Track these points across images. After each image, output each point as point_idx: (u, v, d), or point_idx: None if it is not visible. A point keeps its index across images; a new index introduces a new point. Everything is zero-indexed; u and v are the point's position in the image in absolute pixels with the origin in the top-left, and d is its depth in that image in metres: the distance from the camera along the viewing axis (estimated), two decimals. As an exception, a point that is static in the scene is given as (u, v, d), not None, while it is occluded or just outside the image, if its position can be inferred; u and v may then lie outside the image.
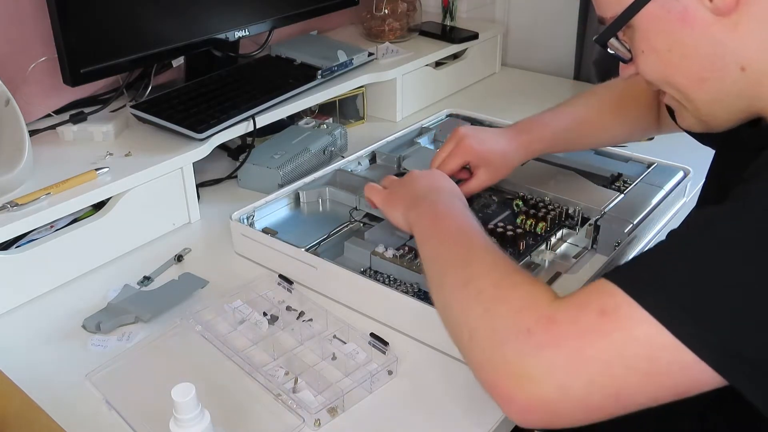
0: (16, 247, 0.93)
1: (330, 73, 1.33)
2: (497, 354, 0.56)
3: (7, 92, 0.96)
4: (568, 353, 0.53)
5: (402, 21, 1.58)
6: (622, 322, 0.52)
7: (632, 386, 0.53)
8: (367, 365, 0.79)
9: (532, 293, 0.59)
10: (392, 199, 0.88)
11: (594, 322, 0.53)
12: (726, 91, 0.62)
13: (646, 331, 0.51)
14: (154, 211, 1.06)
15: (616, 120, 1.00)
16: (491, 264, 0.65)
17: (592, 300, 0.55)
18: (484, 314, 0.60)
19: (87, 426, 0.73)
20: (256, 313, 0.87)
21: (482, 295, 0.62)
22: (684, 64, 0.62)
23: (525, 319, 0.56)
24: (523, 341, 0.55)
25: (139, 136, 1.12)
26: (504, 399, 0.56)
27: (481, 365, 0.58)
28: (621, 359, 0.52)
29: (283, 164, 1.16)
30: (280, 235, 0.97)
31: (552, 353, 0.54)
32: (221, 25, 1.25)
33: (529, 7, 1.76)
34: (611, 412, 0.55)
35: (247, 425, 0.73)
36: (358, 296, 0.89)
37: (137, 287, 0.94)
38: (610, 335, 0.53)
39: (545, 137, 0.99)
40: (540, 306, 0.57)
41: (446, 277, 0.67)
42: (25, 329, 0.88)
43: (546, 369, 0.54)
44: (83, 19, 1.03)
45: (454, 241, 0.71)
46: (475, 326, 0.60)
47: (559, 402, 0.54)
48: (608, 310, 0.53)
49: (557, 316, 0.55)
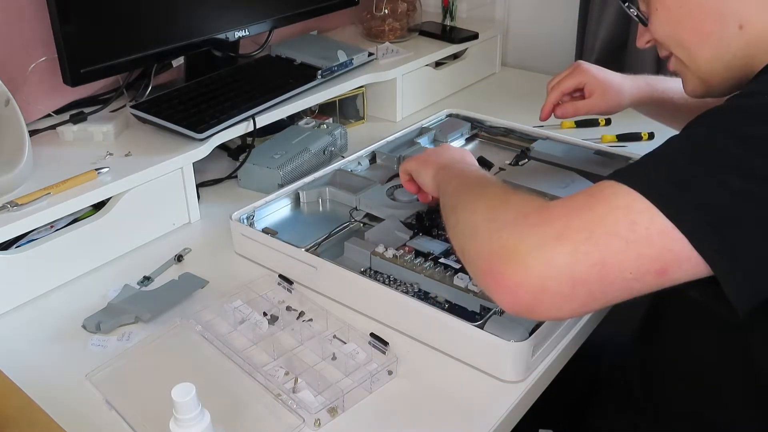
0: (16, 247, 0.93)
1: (330, 73, 1.33)
2: (493, 238, 0.61)
3: (7, 92, 0.96)
4: (557, 228, 0.58)
5: (402, 21, 1.58)
6: (607, 197, 0.58)
7: (615, 255, 0.56)
8: (367, 365, 0.79)
9: (534, 197, 0.65)
10: (425, 162, 0.93)
11: (583, 201, 0.59)
12: (724, 49, 0.69)
13: (626, 200, 0.57)
14: (154, 211, 1.06)
15: None
16: (501, 186, 0.72)
17: (585, 190, 0.61)
18: (488, 212, 0.65)
19: (87, 426, 0.73)
20: (256, 313, 0.87)
21: (488, 203, 0.67)
22: (690, 20, 0.70)
23: (524, 209, 0.62)
24: (520, 224, 0.60)
25: (139, 136, 1.12)
26: (496, 280, 0.59)
27: (478, 254, 0.63)
28: (603, 227, 0.57)
29: (283, 164, 1.16)
30: (280, 235, 0.97)
31: (543, 229, 0.59)
32: (221, 25, 1.25)
33: (529, 7, 1.77)
34: (596, 290, 0.58)
35: (247, 425, 0.73)
36: (358, 296, 0.89)
37: (137, 287, 0.94)
38: (595, 209, 0.58)
39: (658, 87, 1.04)
40: (539, 201, 0.64)
41: (460, 201, 0.73)
42: (25, 329, 0.88)
43: (535, 244, 0.58)
44: (83, 20, 1.03)
45: (475, 181, 0.78)
46: (478, 225, 0.65)
47: (546, 274, 0.57)
48: (595, 192, 0.60)
49: (553, 203, 0.62)
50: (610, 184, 0.59)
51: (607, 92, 1.01)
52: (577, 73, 1.03)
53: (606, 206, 0.57)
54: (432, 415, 0.75)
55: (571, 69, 1.04)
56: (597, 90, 1.02)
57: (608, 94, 1.02)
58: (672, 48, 0.74)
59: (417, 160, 0.95)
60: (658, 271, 0.57)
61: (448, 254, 0.92)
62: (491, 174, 0.86)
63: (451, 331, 0.80)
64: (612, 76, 1.03)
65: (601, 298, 0.59)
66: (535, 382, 0.79)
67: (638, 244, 0.56)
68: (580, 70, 1.03)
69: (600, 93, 1.02)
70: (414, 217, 1.02)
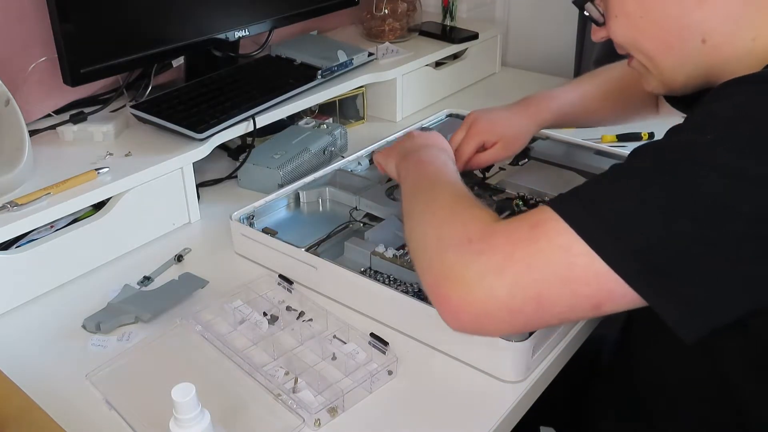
0: (16, 247, 0.93)
1: (330, 73, 1.33)
2: (440, 259, 0.64)
3: (7, 92, 0.96)
4: (499, 258, 0.60)
5: (402, 21, 1.58)
6: (549, 233, 0.59)
7: (551, 290, 0.59)
8: (367, 365, 0.79)
9: (480, 215, 0.67)
10: (390, 152, 0.96)
11: (525, 233, 0.61)
12: (687, 60, 0.69)
13: (565, 240, 0.58)
14: (154, 211, 1.06)
15: (619, 99, 1.04)
16: (451, 194, 0.74)
17: (528, 217, 0.62)
18: (436, 228, 0.68)
19: (87, 426, 0.73)
20: (256, 313, 0.87)
21: (437, 214, 0.70)
22: (653, 31, 0.69)
23: (469, 231, 0.64)
24: (464, 248, 0.62)
25: (139, 136, 1.12)
26: (440, 300, 0.63)
27: (427, 270, 0.65)
28: (543, 264, 0.59)
29: (283, 164, 1.16)
30: (280, 235, 0.97)
31: (486, 258, 0.61)
32: (221, 25, 1.25)
33: (529, 7, 1.77)
34: (533, 317, 0.61)
35: (247, 425, 0.73)
36: (358, 296, 0.89)
37: (137, 287, 0.94)
38: (536, 243, 0.59)
39: (552, 108, 1.04)
40: (483, 222, 0.65)
41: (414, 206, 0.75)
42: (26, 329, 0.88)
43: (479, 272, 0.61)
44: (83, 19, 1.03)
45: (427, 182, 0.79)
46: (427, 238, 0.68)
47: (486, 302, 0.60)
48: (539, 224, 0.60)
49: (496, 228, 0.63)
50: (553, 216, 0.60)
51: (504, 140, 1.03)
52: (472, 133, 1.03)
53: (546, 242, 0.59)
54: (432, 415, 0.75)
55: (466, 128, 1.03)
56: (498, 142, 1.03)
57: (505, 140, 1.03)
58: (632, 52, 0.73)
59: (385, 150, 0.98)
60: (594, 305, 0.59)
61: (448, 254, 0.92)
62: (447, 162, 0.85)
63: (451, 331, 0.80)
64: (505, 120, 1.04)
65: (538, 324, 0.65)
66: (535, 381, 0.79)
67: (575, 283, 0.58)
68: (475, 129, 1.03)
69: (502, 144, 1.03)
70: (414, 217, 1.02)
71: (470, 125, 1.03)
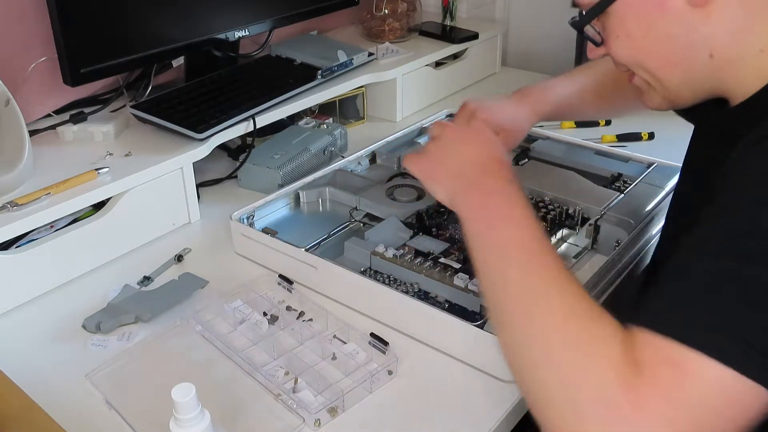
0: (16, 247, 0.93)
1: (330, 73, 1.33)
2: (580, 425, 0.54)
3: (7, 92, 0.96)
4: (655, 418, 0.52)
5: (402, 21, 1.58)
6: (694, 371, 0.51)
7: (721, 428, 0.52)
8: (367, 365, 0.79)
9: (604, 347, 0.56)
10: (433, 172, 0.78)
11: (671, 381, 0.52)
12: (694, 75, 0.67)
13: (718, 377, 0.51)
14: (154, 211, 1.06)
15: (615, 91, 1.02)
16: (559, 291, 0.61)
17: (655, 355, 0.53)
18: (555, 366, 0.57)
19: (87, 426, 0.73)
20: (256, 313, 0.87)
21: (547, 328, 0.59)
22: (657, 49, 0.67)
23: (606, 386, 0.54)
24: (608, 417, 0.53)
25: (139, 136, 1.12)
26: None
27: (548, 408, 0.57)
28: (704, 408, 0.51)
29: (283, 164, 1.16)
30: (280, 235, 0.97)
31: (639, 420, 0.52)
32: (221, 25, 1.25)
33: (529, 7, 1.77)
34: None
35: (247, 425, 0.73)
36: (358, 296, 0.89)
37: (137, 287, 0.94)
38: (688, 390, 0.51)
39: (549, 99, 1.02)
40: (618, 368, 0.54)
41: (507, 304, 0.63)
42: (25, 329, 0.88)
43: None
44: (83, 19, 1.03)
45: (515, 258, 0.65)
46: (544, 374, 0.58)
47: None
48: (679, 362, 0.52)
49: (636, 383, 0.53)
50: (687, 351, 0.51)
51: (508, 135, 0.96)
52: None
53: (699, 387, 0.51)
54: (432, 415, 0.75)
55: (465, 119, 0.95)
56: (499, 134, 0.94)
57: (509, 136, 0.97)
58: (635, 70, 0.71)
59: (420, 165, 0.80)
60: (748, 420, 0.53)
61: (448, 254, 0.92)
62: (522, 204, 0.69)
63: (451, 330, 0.80)
64: (503, 112, 0.98)
65: None
66: (535, 382, 0.79)
67: (742, 415, 0.52)
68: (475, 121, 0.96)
69: (502, 136, 0.94)
70: (414, 217, 1.02)
71: (470, 117, 0.95)
